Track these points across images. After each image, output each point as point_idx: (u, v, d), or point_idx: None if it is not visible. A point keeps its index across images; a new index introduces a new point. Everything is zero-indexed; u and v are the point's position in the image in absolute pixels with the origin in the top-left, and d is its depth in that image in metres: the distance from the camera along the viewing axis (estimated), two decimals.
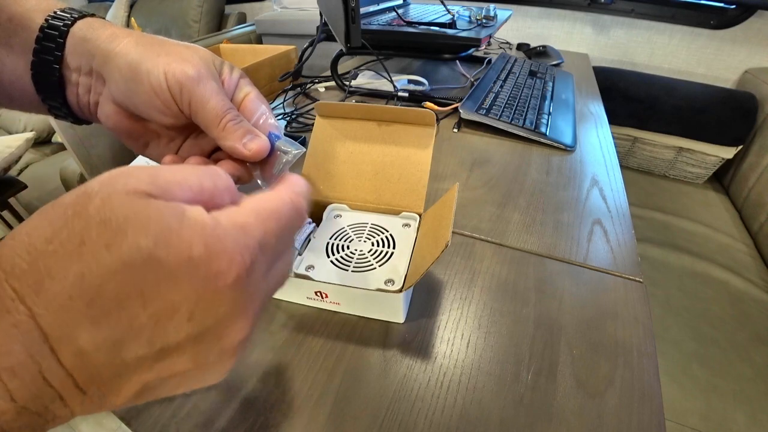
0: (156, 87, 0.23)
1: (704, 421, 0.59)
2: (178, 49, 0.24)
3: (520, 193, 0.51)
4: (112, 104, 0.25)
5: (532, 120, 0.66)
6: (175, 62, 0.23)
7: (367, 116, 0.39)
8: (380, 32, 0.73)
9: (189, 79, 0.23)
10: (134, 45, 0.24)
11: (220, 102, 0.24)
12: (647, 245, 0.92)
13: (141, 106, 0.24)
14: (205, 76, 0.23)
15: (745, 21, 1.16)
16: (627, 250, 0.42)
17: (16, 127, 1.66)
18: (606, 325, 0.34)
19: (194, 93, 0.23)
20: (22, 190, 1.20)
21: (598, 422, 0.27)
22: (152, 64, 0.23)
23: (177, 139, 0.28)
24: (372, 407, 0.28)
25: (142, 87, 0.23)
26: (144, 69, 0.23)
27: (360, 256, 0.35)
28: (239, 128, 0.24)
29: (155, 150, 0.28)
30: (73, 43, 0.24)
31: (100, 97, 0.26)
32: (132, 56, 0.23)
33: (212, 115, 0.23)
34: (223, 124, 0.23)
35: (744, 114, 1.11)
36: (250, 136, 0.24)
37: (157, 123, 0.26)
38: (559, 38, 1.40)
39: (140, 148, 0.28)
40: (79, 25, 0.24)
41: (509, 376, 0.30)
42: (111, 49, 0.24)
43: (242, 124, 0.24)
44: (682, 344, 0.70)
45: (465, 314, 0.35)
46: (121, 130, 0.27)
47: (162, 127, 0.27)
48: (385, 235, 0.37)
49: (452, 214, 0.28)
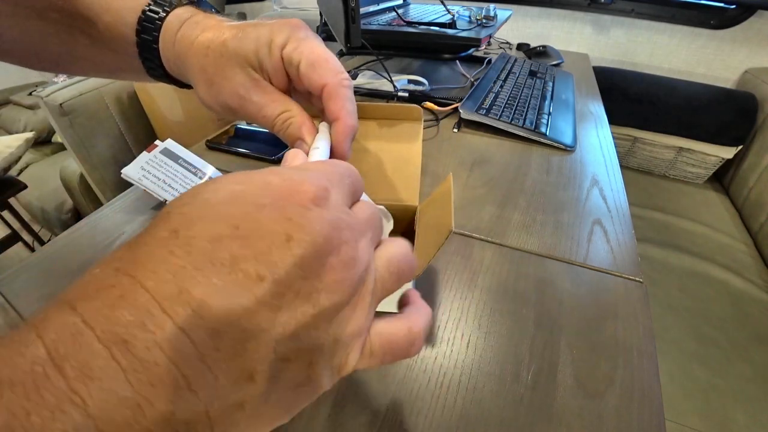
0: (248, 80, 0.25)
1: (704, 421, 0.59)
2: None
3: (520, 193, 0.51)
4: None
5: (532, 120, 0.66)
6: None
7: (359, 114, 0.39)
8: (380, 32, 0.73)
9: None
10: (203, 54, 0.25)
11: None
12: (647, 245, 0.92)
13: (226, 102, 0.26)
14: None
15: (745, 21, 1.16)
16: (627, 250, 0.42)
17: (16, 127, 1.66)
18: (606, 325, 0.34)
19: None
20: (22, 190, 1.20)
21: (598, 422, 0.27)
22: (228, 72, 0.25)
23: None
24: (372, 407, 0.28)
25: (224, 90, 0.25)
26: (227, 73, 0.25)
27: None
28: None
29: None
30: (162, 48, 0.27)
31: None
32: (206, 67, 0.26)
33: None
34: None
35: (744, 114, 1.11)
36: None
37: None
38: (559, 38, 1.40)
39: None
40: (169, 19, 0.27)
41: (509, 377, 0.30)
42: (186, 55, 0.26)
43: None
44: (682, 344, 0.70)
45: (465, 314, 0.35)
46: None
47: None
48: None
49: (452, 203, 0.28)
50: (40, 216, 1.34)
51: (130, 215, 0.47)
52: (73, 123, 0.97)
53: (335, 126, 0.25)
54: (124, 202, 0.49)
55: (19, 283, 0.39)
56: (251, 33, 0.25)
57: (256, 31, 0.25)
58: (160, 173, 0.47)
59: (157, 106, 1.08)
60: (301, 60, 0.24)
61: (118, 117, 1.08)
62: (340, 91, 0.24)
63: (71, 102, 0.95)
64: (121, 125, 1.09)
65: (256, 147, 0.60)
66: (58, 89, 0.96)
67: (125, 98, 1.09)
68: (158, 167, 0.48)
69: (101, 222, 0.46)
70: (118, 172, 0.47)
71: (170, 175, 0.48)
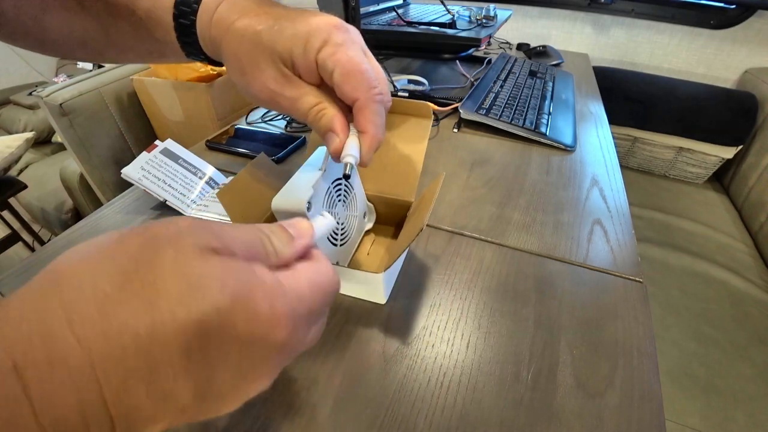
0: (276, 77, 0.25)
1: (704, 421, 0.59)
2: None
3: (520, 193, 0.51)
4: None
5: (532, 120, 0.66)
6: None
7: None
8: (380, 32, 0.73)
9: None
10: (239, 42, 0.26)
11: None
12: (647, 245, 0.92)
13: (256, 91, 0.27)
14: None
15: (745, 21, 1.16)
16: (627, 250, 0.42)
17: (16, 127, 1.66)
18: (606, 325, 0.34)
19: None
20: (22, 190, 1.20)
21: (598, 422, 0.27)
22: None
23: None
24: (372, 407, 0.28)
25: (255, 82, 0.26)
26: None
27: (342, 228, 0.36)
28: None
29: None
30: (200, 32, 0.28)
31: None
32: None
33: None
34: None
35: (744, 114, 1.11)
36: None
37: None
38: (559, 38, 1.40)
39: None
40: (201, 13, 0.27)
41: (509, 377, 0.30)
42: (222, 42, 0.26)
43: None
44: (682, 344, 0.70)
45: (465, 314, 0.35)
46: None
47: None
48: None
49: (433, 201, 0.29)
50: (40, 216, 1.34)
51: (130, 215, 0.47)
52: (73, 123, 0.97)
53: (362, 138, 0.25)
54: (124, 202, 0.49)
55: (19, 283, 0.38)
56: (288, 29, 0.24)
57: (293, 27, 0.24)
58: (160, 173, 0.47)
59: (157, 106, 1.08)
60: (336, 68, 0.24)
61: (118, 117, 1.08)
62: (371, 106, 0.25)
63: (71, 102, 0.95)
64: (121, 125, 1.09)
65: (255, 147, 0.60)
66: (58, 89, 0.96)
67: (125, 98, 1.08)
68: (158, 167, 0.48)
69: (101, 222, 0.46)
70: (118, 172, 0.47)
71: (170, 175, 0.48)
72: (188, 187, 0.48)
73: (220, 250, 0.14)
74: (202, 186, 0.49)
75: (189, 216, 0.15)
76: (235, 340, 0.13)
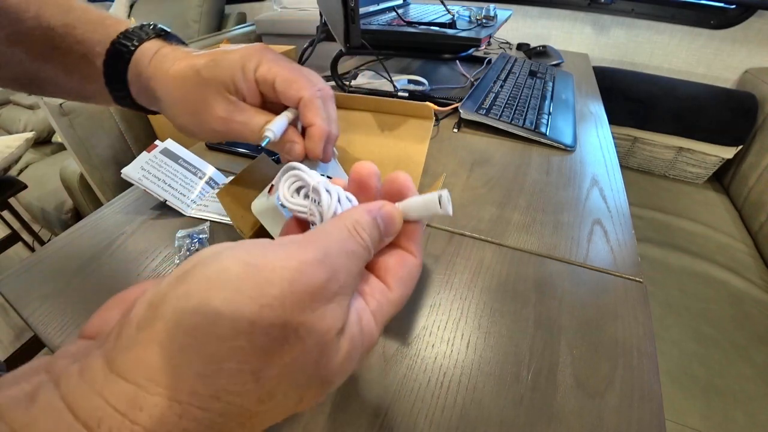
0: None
1: (704, 421, 0.59)
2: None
3: (520, 193, 0.51)
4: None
5: (532, 120, 0.66)
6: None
7: (369, 107, 0.39)
8: (380, 32, 0.73)
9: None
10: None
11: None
12: (647, 245, 0.92)
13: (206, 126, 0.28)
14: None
15: (745, 21, 1.16)
16: (627, 250, 0.42)
17: (16, 127, 1.66)
18: (606, 325, 0.34)
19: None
20: (22, 190, 1.20)
21: (598, 422, 0.27)
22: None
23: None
24: (372, 407, 0.28)
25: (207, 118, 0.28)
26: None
27: None
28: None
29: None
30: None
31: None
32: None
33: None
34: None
35: (744, 114, 1.11)
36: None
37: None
38: (559, 38, 1.40)
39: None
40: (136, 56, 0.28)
41: (509, 377, 0.30)
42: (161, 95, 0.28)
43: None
44: (682, 344, 0.70)
45: (465, 314, 0.35)
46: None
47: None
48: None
49: None
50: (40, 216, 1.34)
51: (130, 215, 0.47)
52: (73, 123, 0.97)
53: (310, 131, 0.27)
54: (124, 202, 0.49)
55: (19, 283, 0.38)
56: (223, 61, 0.27)
57: (227, 59, 0.27)
58: (160, 173, 0.47)
59: None
60: (276, 78, 0.27)
61: (118, 117, 1.08)
62: (315, 102, 0.27)
63: (71, 102, 0.95)
64: (121, 125, 1.09)
65: (255, 147, 0.60)
66: None
67: None
68: (158, 167, 0.48)
69: (101, 222, 0.46)
70: (118, 172, 0.47)
71: (170, 175, 0.48)
72: (188, 187, 0.48)
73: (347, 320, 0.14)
74: (202, 186, 0.49)
75: (303, 260, 0.14)
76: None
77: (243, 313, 0.11)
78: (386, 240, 0.17)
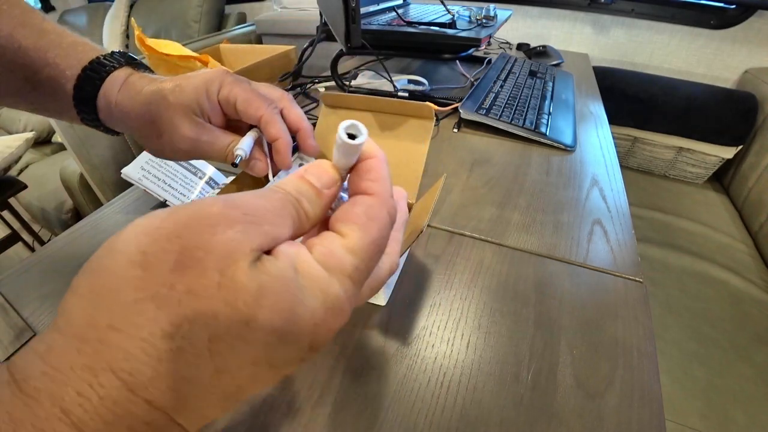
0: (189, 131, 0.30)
1: (704, 421, 0.59)
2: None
3: (520, 193, 0.51)
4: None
5: (532, 120, 0.66)
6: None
7: (370, 108, 0.39)
8: (380, 32, 0.73)
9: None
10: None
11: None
12: (647, 245, 0.92)
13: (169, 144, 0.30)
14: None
15: (745, 21, 1.16)
16: (627, 250, 0.42)
17: (16, 127, 1.66)
18: (606, 325, 0.34)
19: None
20: (22, 190, 1.20)
21: (598, 422, 0.27)
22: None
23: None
24: (372, 407, 0.28)
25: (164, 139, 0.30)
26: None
27: None
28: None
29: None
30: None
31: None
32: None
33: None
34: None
35: (744, 114, 1.11)
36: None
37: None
38: (559, 38, 1.40)
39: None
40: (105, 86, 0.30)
41: (509, 377, 0.30)
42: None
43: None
44: (682, 344, 0.70)
45: (465, 314, 0.35)
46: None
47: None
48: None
49: (432, 204, 0.29)
50: (40, 216, 1.34)
51: (130, 215, 0.47)
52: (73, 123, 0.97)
53: (276, 145, 0.30)
54: (124, 202, 0.49)
55: (19, 283, 0.39)
56: (188, 86, 0.29)
57: (191, 83, 0.29)
58: (160, 173, 0.47)
59: None
60: (237, 99, 0.29)
61: None
62: (274, 118, 0.29)
63: None
64: None
65: None
66: None
67: None
68: (158, 167, 0.48)
69: (101, 222, 0.46)
70: (118, 172, 0.47)
71: (170, 175, 0.48)
72: (188, 187, 0.48)
73: (264, 246, 0.13)
74: (202, 186, 0.49)
75: (203, 200, 0.13)
76: (295, 341, 0.13)
77: (137, 245, 0.12)
78: (318, 184, 0.16)
